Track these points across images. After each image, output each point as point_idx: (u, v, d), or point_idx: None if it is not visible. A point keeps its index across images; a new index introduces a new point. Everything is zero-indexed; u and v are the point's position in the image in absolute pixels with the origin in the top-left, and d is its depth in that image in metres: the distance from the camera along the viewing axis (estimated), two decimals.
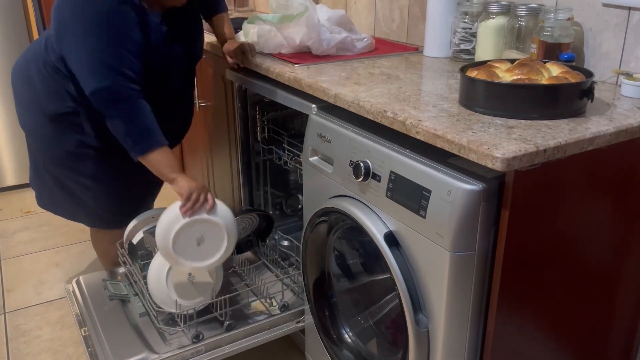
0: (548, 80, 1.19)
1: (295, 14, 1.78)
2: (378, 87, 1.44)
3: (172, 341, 1.55)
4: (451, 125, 1.13)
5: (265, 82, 1.80)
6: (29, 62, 1.74)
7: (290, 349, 1.96)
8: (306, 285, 1.62)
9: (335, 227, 1.47)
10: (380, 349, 1.51)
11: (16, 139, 3.17)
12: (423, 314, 1.19)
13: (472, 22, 1.70)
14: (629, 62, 1.42)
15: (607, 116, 1.19)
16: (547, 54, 1.44)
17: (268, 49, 1.88)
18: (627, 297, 1.37)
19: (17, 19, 3.01)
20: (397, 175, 1.19)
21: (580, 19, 1.50)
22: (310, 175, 1.52)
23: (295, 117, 2.11)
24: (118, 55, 1.53)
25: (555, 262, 1.17)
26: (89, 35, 1.52)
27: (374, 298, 1.55)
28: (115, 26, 1.54)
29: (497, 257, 1.09)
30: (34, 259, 2.57)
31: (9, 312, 2.21)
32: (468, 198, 1.04)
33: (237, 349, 1.60)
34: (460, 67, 1.29)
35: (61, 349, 2.00)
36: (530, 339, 1.22)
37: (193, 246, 1.49)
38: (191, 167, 2.92)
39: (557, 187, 1.10)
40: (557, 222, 1.14)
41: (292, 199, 2.28)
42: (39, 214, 2.96)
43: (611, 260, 1.29)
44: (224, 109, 2.20)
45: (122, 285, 1.77)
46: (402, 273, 1.19)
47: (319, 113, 1.50)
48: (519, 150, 1.00)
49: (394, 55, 1.87)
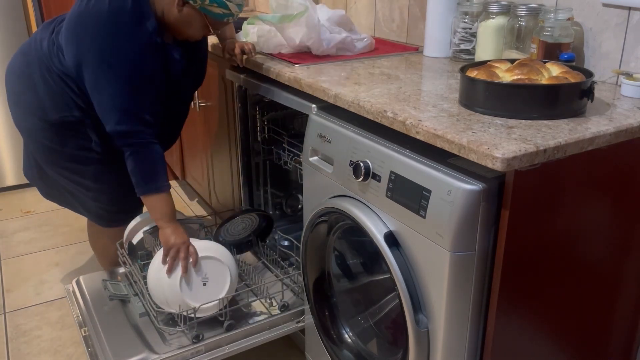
0: (548, 80, 1.19)
1: (295, 14, 1.78)
2: (378, 87, 1.44)
3: (172, 341, 1.55)
4: (451, 125, 1.13)
5: (265, 82, 1.80)
6: (31, 65, 1.71)
7: (290, 349, 1.96)
8: (306, 285, 1.62)
9: (335, 227, 1.47)
10: (380, 349, 1.51)
11: (16, 139, 3.17)
12: (423, 314, 1.19)
13: (472, 22, 1.70)
14: (629, 62, 1.42)
15: (607, 116, 1.19)
16: (547, 54, 1.44)
17: (268, 49, 1.88)
18: (627, 297, 1.37)
19: (17, 18, 3.01)
20: (397, 175, 1.19)
21: (580, 19, 1.50)
22: (310, 175, 1.52)
23: (295, 117, 2.11)
24: (141, 102, 1.58)
25: (555, 262, 1.17)
26: (114, 81, 1.55)
27: (374, 298, 1.55)
28: (141, 75, 1.57)
29: (497, 257, 1.09)
30: (34, 259, 2.57)
31: (9, 312, 2.20)
32: (468, 198, 1.04)
33: (237, 349, 1.60)
34: (460, 67, 1.29)
35: (61, 349, 2.00)
36: (530, 339, 1.22)
37: (200, 287, 1.56)
38: (191, 167, 2.92)
39: (557, 187, 1.10)
40: (557, 222, 1.14)
41: (292, 199, 2.28)
42: (39, 214, 2.96)
43: (611, 260, 1.29)
44: (224, 109, 2.20)
45: (122, 285, 1.77)
46: (402, 273, 1.19)
47: (319, 113, 1.50)
48: (519, 150, 1.00)
49: (394, 55, 1.87)
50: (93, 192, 1.82)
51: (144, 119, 1.59)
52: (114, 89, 1.56)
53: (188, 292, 1.53)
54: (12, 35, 3.02)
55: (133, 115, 1.58)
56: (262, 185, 2.18)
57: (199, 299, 1.54)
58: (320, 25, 1.80)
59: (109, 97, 1.57)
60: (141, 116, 1.59)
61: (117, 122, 1.58)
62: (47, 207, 3.03)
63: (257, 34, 1.89)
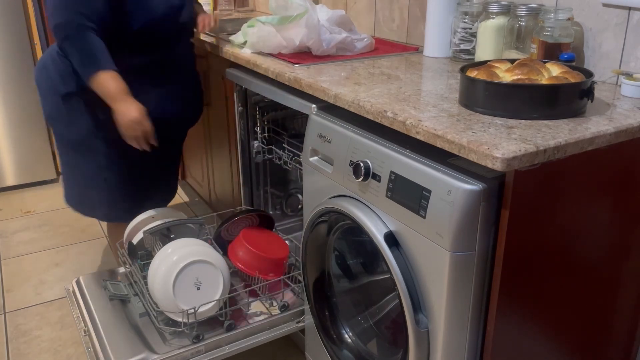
0: (548, 80, 1.19)
1: (295, 15, 1.78)
2: (378, 87, 1.44)
3: (172, 341, 1.55)
4: (451, 125, 1.13)
5: (265, 82, 1.80)
6: (46, 54, 1.86)
7: (290, 349, 1.96)
8: (306, 286, 1.62)
9: (335, 227, 1.47)
10: (380, 349, 1.51)
11: (16, 139, 3.17)
12: (423, 314, 1.19)
13: (472, 22, 1.70)
14: (629, 62, 1.42)
15: (607, 116, 1.19)
16: (547, 54, 1.44)
17: (268, 49, 1.88)
18: (627, 297, 1.37)
19: (17, 18, 3.01)
20: (397, 175, 1.19)
21: (580, 19, 1.50)
22: (310, 175, 1.52)
23: (295, 117, 2.11)
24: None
25: (555, 262, 1.17)
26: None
27: (374, 298, 1.55)
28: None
29: (497, 257, 1.09)
30: (34, 259, 2.57)
31: (9, 312, 2.21)
32: (468, 198, 1.04)
33: (237, 349, 1.60)
34: (460, 67, 1.29)
35: (61, 349, 2.00)
36: (530, 339, 1.22)
37: (193, 291, 1.56)
38: (191, 167, 2.92)
39: (557, 187, 1.10)
40: (557, 222, 1.14)
41: (292, 199, 2.28)
42: (39, 214, 2.97)
43: (611, 260, 1.29)
44: (224, 108, 2.20)
45: (122, 285, 1.77)
46: (402, 273, 1.19)
47: (319, 113, 1.50)
48: (519, 150, 1.00)
49: (394, 55, 1.87)
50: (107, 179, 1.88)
51: (81, 13, 1.62)
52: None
53: (182, 297, 1.53)
54: (12, 35, 3.02)
55: (69, 9, 1.62)
56: (262, 185, 2.18)
57: (194, 304, 1.55)
58: (320, 25, 1.80)
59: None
60: (78, 10, 1.62)
61: (52, 15, 1.64)
62: (47, 207, 3.04)
63: (257, 34, 1.89)
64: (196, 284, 1.55)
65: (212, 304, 1.57)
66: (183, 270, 1.52)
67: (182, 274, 1.52)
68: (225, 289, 1.59)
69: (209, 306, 1.56)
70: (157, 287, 1.53)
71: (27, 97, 3.11)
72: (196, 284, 1.55)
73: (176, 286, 1.52)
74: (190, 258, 1.54)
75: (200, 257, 1.55)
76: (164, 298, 1.53)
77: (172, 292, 1.52)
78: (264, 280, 1.71)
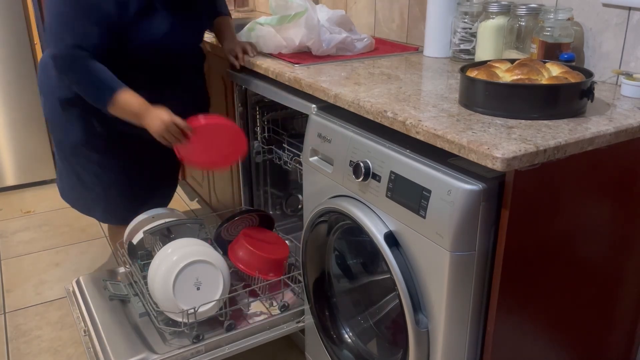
0: (548, 80, 1.19)
1: (294, 15, 1.78)
2: (378, 87, 1.44)
3: (172, 341, 1.55)
4: (451, 125, 1.13)
5: (265, 82, 1.80)
6: (47, 53, 1.82)
7: (290, 349, 1.96)
8: (306, 286, 1.62)
9: (335, 227, 1.47)
10: (380, 349, 1.51)
11: (16, 139, 3.17)
12: (423, 314, 1.19)
13: (472, 22, 1.70)
14: (629, 62, 1.42)
15: (607, 116, 1.19)
16: (547, 54, 1.44)
17: (268, 49, 1.88)
18: (627, 297, 1.37)
19: (17, 19, 3.01)
20: (397, 175, 1.19)
21: (580, 19, 1.50)
22: (310, 175, 1.52)
23: (295, 117, 2.11)
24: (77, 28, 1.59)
25: (555, 262, 1.17)
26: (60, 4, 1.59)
27: (374, 298, 1.55)
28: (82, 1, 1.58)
29: (497, 257, 1.09)
30: (34, 259, 2.57)
31: (9, 312, 2.21)
32: (468, 198, 1.04)
33: (237, 349, 1.60)
34: (460, 67, 1.29)
35: (61, 349, 2.00)
36: (530, 339, 1.22)
37: (193, 291, 1.55)
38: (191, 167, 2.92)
39: (557, 187, 1.10)
40: (557, 222, 1.14)
41: (292, 199, 2.28)
42: (39, 214, 2.97)
43: (611, 260, 1.29)
44: (224, 109, 2.20)
45: (122, 285, 1.77)
46: (402, 273, 1.19)
47: (319, 113, 1.50)
48: (519, 150, 1.00)
49: (394, 55, 1.87)
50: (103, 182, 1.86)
51: (76, 46, 1.59)
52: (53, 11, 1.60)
53: (182, 297, 1.53)
54: (12, 35, 3.02)
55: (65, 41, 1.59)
56: (262, 185, 2.18)
57: (194, 304, 1.54)
58: (320, 25, 1.80)
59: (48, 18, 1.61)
60: (73, 43, 1.59)
61: (48, 43, 1.63)
62: (47, 207, 3.04)
63: (257, 34, 1.89)
64: (196, 284, 1.55)
65: (212, 304, 1.57)
66: (183, 270, 1.52)
67: (182, 274, 1.52)
68: (225, 289, 1.59)
69: (209, 306, 1.56)
70: (157, 287, 1.53)
71: (27, 97, 3.11)
72: (196, 284, 1.55)
73: (176, 286, 1.52)
74: (190, 258, 1.54)
75: (200, 257, 1.55)
76: (164, 298, 1.53)
77: (172, 292, 1.52)
78: (264, 280, 1.71)
